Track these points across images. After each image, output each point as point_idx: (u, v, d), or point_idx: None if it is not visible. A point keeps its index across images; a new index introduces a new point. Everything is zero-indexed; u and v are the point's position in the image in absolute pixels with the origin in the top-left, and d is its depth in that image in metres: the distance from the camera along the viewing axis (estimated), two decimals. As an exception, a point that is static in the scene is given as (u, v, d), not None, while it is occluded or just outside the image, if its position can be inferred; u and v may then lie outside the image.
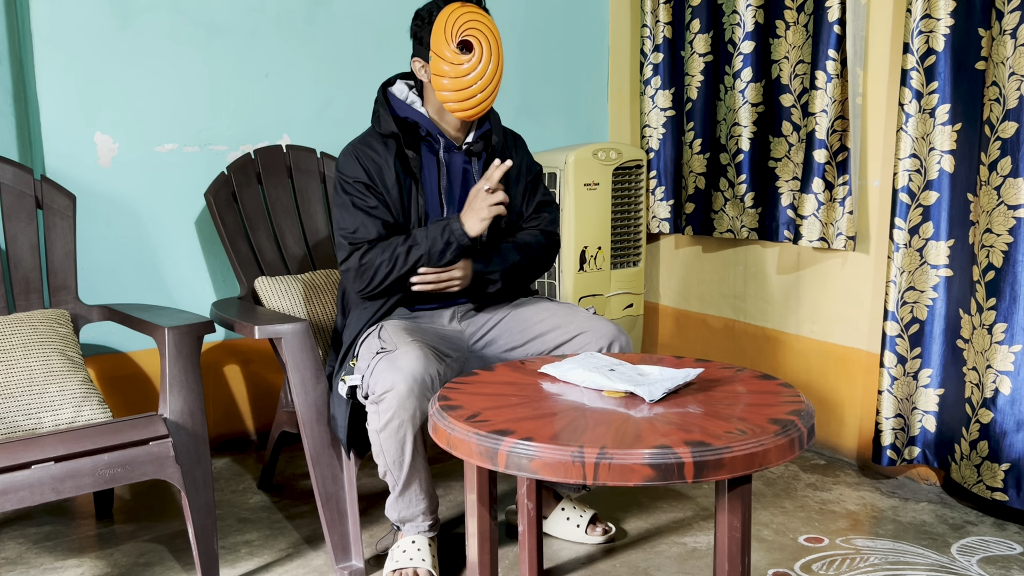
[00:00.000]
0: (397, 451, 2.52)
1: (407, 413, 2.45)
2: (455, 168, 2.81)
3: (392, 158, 2.74)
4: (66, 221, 3.08)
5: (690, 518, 3.06)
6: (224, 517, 3.11)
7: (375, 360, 2.53)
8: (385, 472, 2.60)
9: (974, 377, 2.99)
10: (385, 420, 2.47)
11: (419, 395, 2.46)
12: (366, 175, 2.73)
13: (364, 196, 2.71)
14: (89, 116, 3.38)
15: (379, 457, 2.56)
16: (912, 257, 3.13)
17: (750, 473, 1.86)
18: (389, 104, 2.82)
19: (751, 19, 3.62)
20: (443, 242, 2.64)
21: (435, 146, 2.80)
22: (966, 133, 2.99)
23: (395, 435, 2.49)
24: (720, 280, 4.03)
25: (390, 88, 2.86)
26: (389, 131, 2.76)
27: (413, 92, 2.84)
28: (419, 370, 2.46)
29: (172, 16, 3.47)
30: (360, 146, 2.78)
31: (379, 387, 2.48)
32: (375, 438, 2.54)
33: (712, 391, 2.16)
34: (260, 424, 3.82)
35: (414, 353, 2.50)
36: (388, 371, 2.47)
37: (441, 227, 2.66)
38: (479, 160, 2.83)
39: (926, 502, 3.16)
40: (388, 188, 2.72)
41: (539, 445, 1.82)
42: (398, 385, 2.44)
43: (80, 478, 2.41)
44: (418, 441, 2.52)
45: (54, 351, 2.75)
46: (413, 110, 2.80)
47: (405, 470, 2.55)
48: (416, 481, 2.60)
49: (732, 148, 3.75)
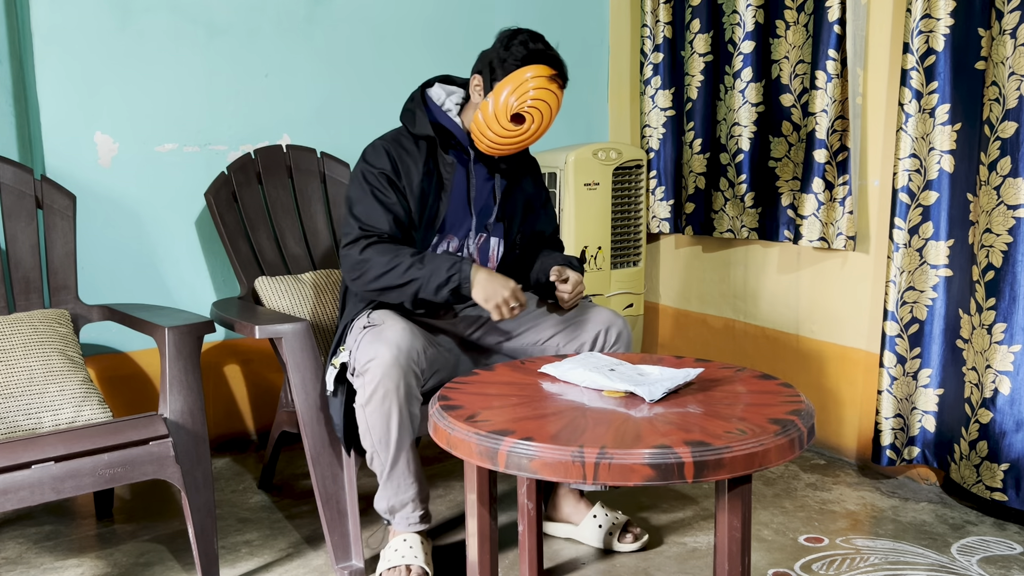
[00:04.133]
0: (383, 426, 2.51)
1: (391, 382, 2.46)
2: (480, 180, 2.82)
3: (422, 160, 2.74)
4: (66, 221, 3.08)
5: (690, 518, 3.06)
6: (224, 517, 3.12)
7: (362, 335, 2.56)
8: (372, 456, 2.59)
9: (974, 377, 2.99)
10: (370, 391, 2.48)
11: (404, 365, 2.46)
12: (392, 168, 2.71)
13: (384, 189, 2.70)
14: (89, 116, 3.38)
15: (366, 438, 2.56)
16: (912, 257, 3.13)
17: (750, 473, 1.87)
18: (427, 107, 2.82)
19: (751, 19, 3.62)
20: (445, 276, 2.57)
21: (464, 156, 2.80)
22: (966, 133, 2.99)
23: (380, 407, 2.48)
24: (720, 280, 4.03)
25: (428, 91, 2.85)
26: (424, 133, 2.75)
27: (451, 99, 2.83)
28: (404, 341, 2.48)
29: (172, 16, 3.47)
30: (392, 142, 2.77)
31: (364, 357, 2.49)
32: (361, 415, 2.54)
33: (712, 391, 2.17)
34: (260, 424, 3.82)
35: (399, 326, 2.52)
36: (373, 342, 2.49)
37: (451, 262, 2.59)
38: (501, 178, 2.85)
39: (926, 502, 3.16)
40: (412, 187, 2.71)
41: (539, 445, 1.82)
42: (382, 353, 2.45)
43: (80, 478, 2.41)
44: (404, 418, 2.51)
45: (54, 351, 2.76)
46: (448, 119, 2.80)
47: (392, 448, 2.54)
48: (403, 461, 2.58)
49: (732, 148, 3.75)
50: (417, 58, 3.90)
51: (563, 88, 2.69)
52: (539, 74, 2.63)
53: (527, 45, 2.67)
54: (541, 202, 2.99)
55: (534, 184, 2.97)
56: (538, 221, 2.98)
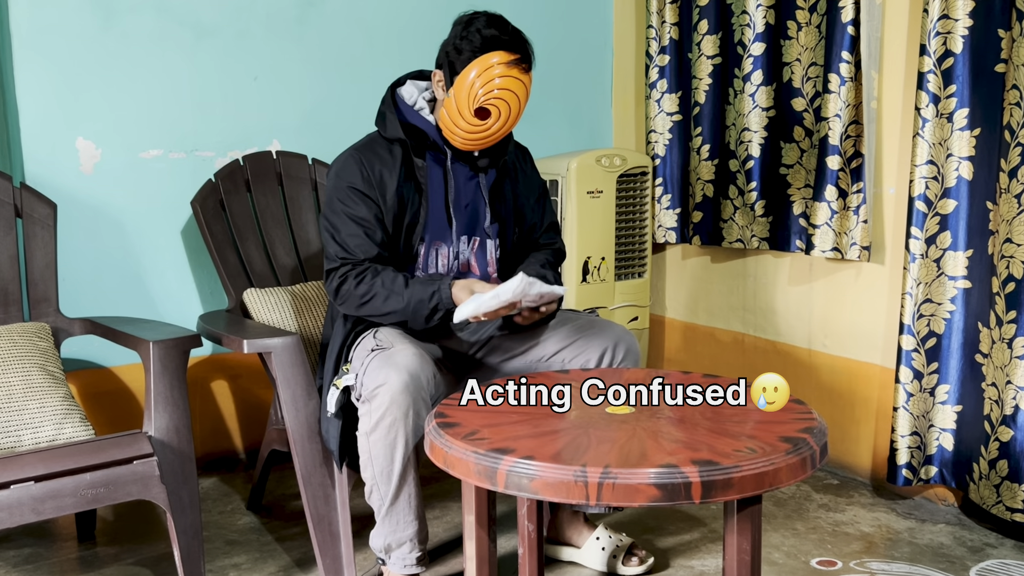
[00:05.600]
0: (387, 457, 2.49)
1: (400, 411, 2.44)
2: (462, 180, 2.78)
3: (398, 166, 2.70)
4: (47, 230, 3.10)
5: (697, 540, 3.06)
6: (211, 539, 3.12)
7: (369, 358, 2.52)
8: (372, 489, 2.56)
9: (993, 393, 3.00)
10: (376, 418, 2.46)
11: (414, 393, 2.44)
12: (362, 179, 2.68)
13: (355, 204, 2.67)
14: (70, 121, 3.40)
15: (366, 469, 2.54)
16: (929, 268, 3.14)
17: (760, 493, 1.87)
18: (397, 107, 2.78)
19: (761, 20, 3.63)
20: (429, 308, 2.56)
21: (442, 156, 2.76)
22: (985, 138, 3.00)
23: (386, 436, 2.46)
24: (729, 292, 4.04)
25: (399, 89, 2.82)
26: (395, 136, 2.72)
27: (423, 96, 2.80)
28: (415, 367, 2.45)
29: (157, 16, 3.49)
30: (363, 151, 2.74)
31: (372, 383, 2.46)
32: (364, 443, 2.51)
33: (720, 407, 2.18)
34: (249, 442, 3.83)
35: (410, 351, 2.49)
36: (382, 367, 2.46)
37: (430, 291, 2.57)
38: (485, 174, 2.81)
39: (943, 524, 3.17)
40: (387, 196, 2.68)
41: (540, 464, 1.83)
42: (392, 379, 2.43)
43: (61, 498, 2.42)
44: (410, 451, 2.49)
45: (34, 366, 2.77)
46: (420, 117, 2.76)
47: (394, 481, 2.52)
48: (405, 497, 2.56)
49: (742, 154, 3.76)
50: (413, 61, 3.88)
51: (528, 72, 2.64)
52: (500, 61, 2.59)
53: (482, 32, 2.61)
54: (536, 194, 2.95)
55: (525, 174, 2.93)
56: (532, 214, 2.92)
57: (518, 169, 2.91)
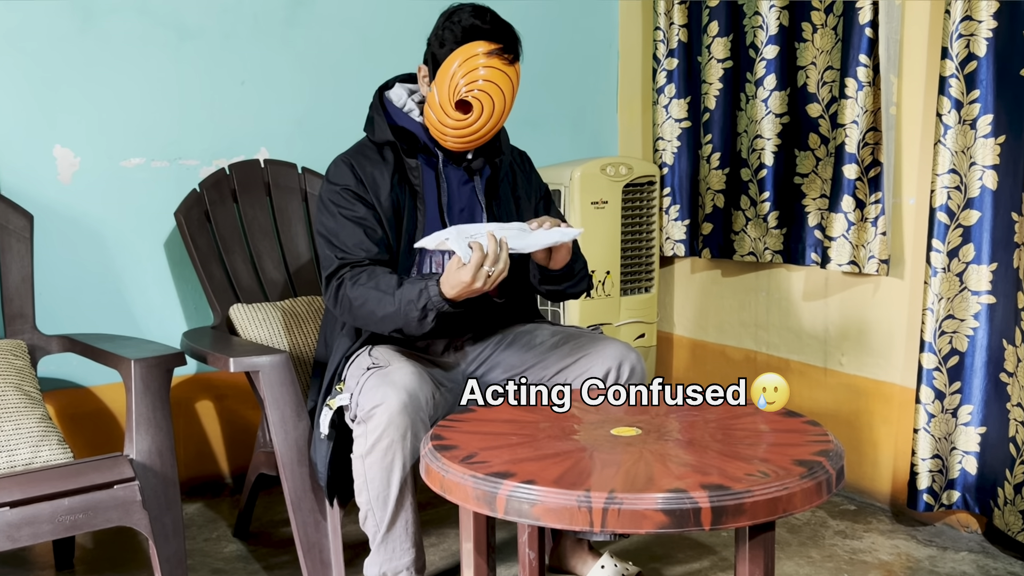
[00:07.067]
0: (383, 480, 2.49)
1: (398, 432, 2.44)
2: (455, 183, 2.80)
3: (390, 170, 2.73)
4: (23, 243, 3.10)
5: (707, 569, 3.06)
6: (196, 568, 3.12)
7: (365, 376, 2.52)
8: (367, 515, 2.56)
9: (1019, 414, 3.00)
10: (373, 440, 2.45)
11: (412, 414, 2.44)
12: (356, 182, 2.70)
13: (351, 205, 2.68)
14: (47, 127, 3.40)
15: (361, 493, 2.54)
16: (951, 282, 3.14)
17: (773, 520, 1.87)
18: (385, 110, 2.80)
19: (775, 21, 3.64)
20: (419, 310, 2.49)
21: (433, 159, 2.78)
22: (1010, 146, 3.00)
23: (382, 459, 2.46)
24: (740, 308, 4.04)
25: (387, 92, 2.84)
26: (384, 139, 2.74)
27: (412, 99, 2.81)
28: (413, 386, 2.45)
29: (139, 17, 3.50)
30: (355, 155, 2.76)
31: (368, 403, 2.46)
32: (359, 467, 2.51)
33: (732, 429, 2.18)
34: (235, 466, 3.83)
35: (408, 369, 2.49)
36: (379, 386, 2.46)
37: (417, 291, 2.50)
38: (481, 177, 2.82)
39: (966, 551, 3.16)
40: (381, 201, 2.70)
41: (542, 489, 1.83)
42: (390, 399, 2.43)
43: (38, 525, 2.42)
44: (407, 474, 2.49)
45: (9, 385, 2.77)
46: (410, 119, 2.78)
47: (390, 507, 2.52)
48: (402, 523, 2.56)
49: (754, 163, 3.77)
50: (408, 64, 3.89)
51: (514, 63, 2.63)
52: (483, 51, 2.59)
53: (463, 21, 2.62)
54: (538, 195, 2.95)
55: (525, 177, 2.94)
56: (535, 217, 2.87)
57: (516, 171, 2.93)
